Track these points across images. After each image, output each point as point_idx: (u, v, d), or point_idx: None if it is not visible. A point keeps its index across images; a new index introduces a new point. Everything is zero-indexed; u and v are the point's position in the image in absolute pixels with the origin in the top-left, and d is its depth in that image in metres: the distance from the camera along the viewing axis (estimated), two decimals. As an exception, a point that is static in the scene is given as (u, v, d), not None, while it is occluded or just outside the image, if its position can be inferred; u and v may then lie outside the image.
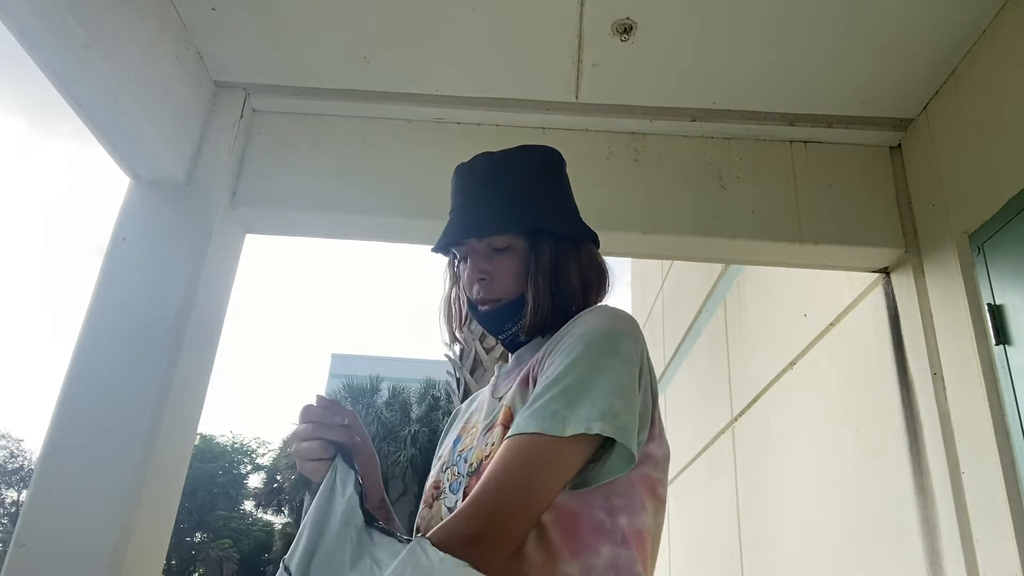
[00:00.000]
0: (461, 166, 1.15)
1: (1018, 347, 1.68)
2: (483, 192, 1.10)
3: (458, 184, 1.14)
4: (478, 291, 1.08)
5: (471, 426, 1.08)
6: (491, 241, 1.08)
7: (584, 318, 1.00)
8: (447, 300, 1.19)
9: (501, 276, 1.07)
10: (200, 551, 27.42)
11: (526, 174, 1.14)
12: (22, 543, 1.66)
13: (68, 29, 1.57)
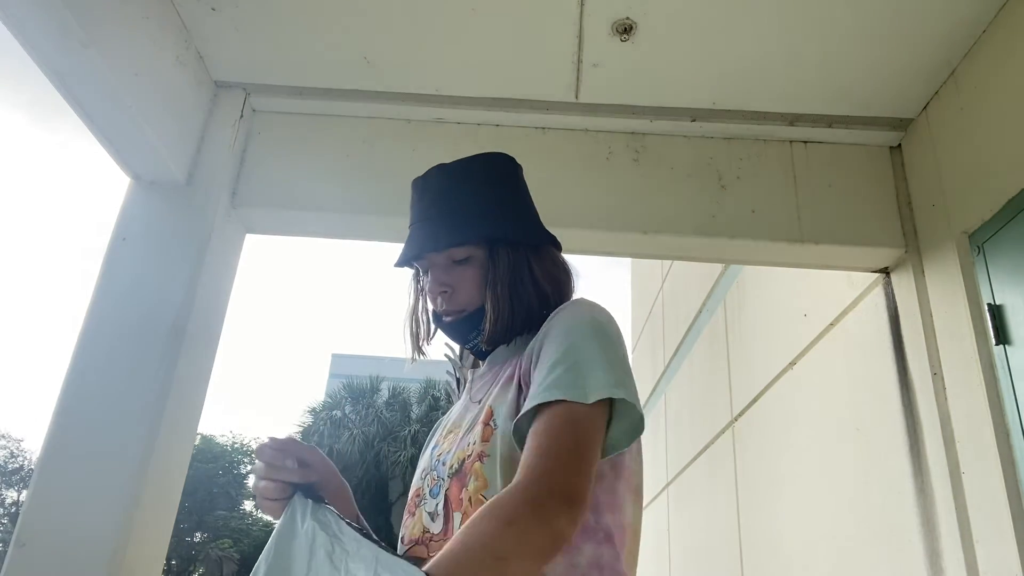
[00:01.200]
0: (416, 180, 1.17)
1: (1018, 347, 1.68)
2: (438, 205, 1.12)
3: (415, 198, 1.16)
4: (441, 303, 1.09)
5: (448, 432, 1.08)
6: (450, 253, 1.09)
7: (567, 310, 1.02)
8: (412, 314, 1.18)
9: (463, 287, 1.08)
10: (200, 551, 27.40)
11: (480, 183, 1.16)
12: (22, 543, 1.65)
13: (68, 29, 1.57)
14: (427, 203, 1.13)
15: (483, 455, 0.94)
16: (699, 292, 4.15)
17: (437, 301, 1.10)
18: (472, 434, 0.98)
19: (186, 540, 27.67)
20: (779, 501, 2.87)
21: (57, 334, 79.13)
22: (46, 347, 76.45)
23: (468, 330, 1.10)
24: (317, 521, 0.87)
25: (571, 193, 2.17)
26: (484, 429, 0.96)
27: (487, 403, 1.01)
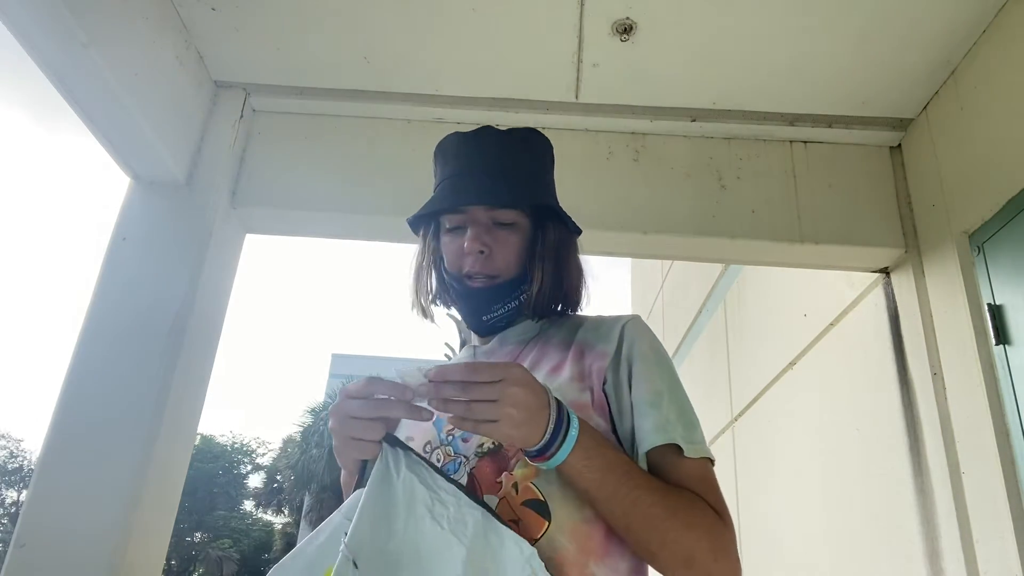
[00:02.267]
0: (463, 134, 1.09)
1: (1018, 347, 1.68)
2: (493, 161, 1.05)
3: (458, 151, 1.08)
4: (473, 264, 1.02)
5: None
6: (496, 214, 1.03)
7: (651, 335, 1.02)
8: (420, 271, 1.11)
9: (501, 252, 1.02)
10: (200, 551, 27.41)
11: (537, 155, 1.12)
12: (22, 543, 1.65)
13: (68, 29, 1.57)
14: (478, 157, 1.06)
15: None
16: (699, 292, 4.15)
17: (467, 261, 1.02)
18: None
19: (186, 540, 27.68)
20: (779, 501, 2.87)
21: (57, 334, 79.13)
22: (46, 347, 76.45)
23: (496, 299, 1.04)
24: (415, 474, 0.82)
25: (571, 193, 2.15)
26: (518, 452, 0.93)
27: None
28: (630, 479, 0.86)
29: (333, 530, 0.81)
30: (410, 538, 0.77)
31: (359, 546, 0.75)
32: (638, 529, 0.85)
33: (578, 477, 0.85)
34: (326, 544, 0.80)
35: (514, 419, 0.81)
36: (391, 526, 0.78)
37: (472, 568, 0.74)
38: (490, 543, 0.77)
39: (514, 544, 0.77)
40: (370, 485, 0.81)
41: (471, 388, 0.81)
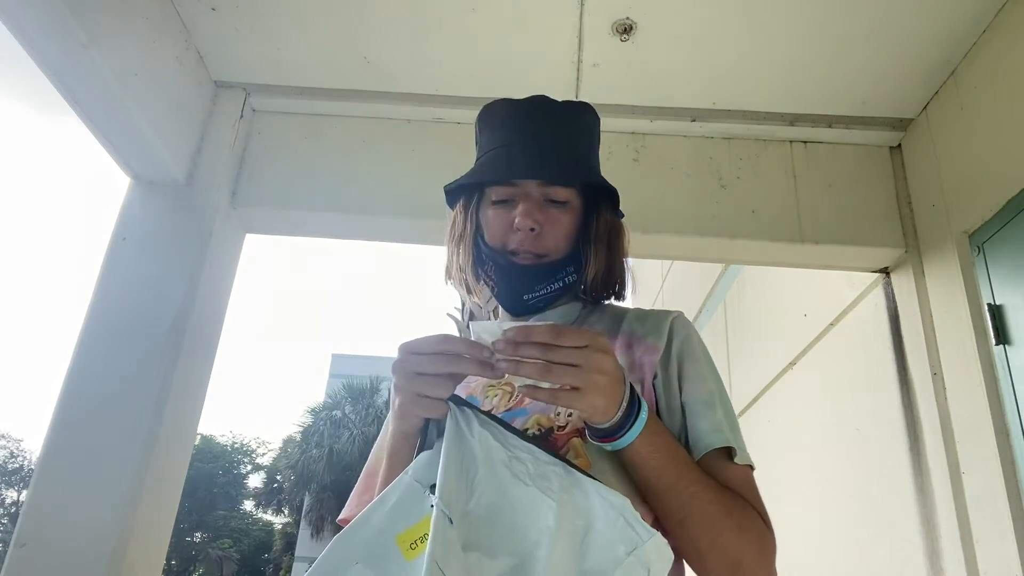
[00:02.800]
0: (515, 101, 1.03)
1: (1018, 347, 1.68)
2: (554, 135, 1.00)
3: (516, 119, 1.01)
4: (522, 241, 0.96)
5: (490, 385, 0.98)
6: (550, 191, 0.97)
7: (698, 337, 0.98)
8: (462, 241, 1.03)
9: (552, 231, 0.97)
10: (200, 551, 27.42)
11: (590, 131, 1.07)
12: (22, 543, 1.66)
13: (68, 29, 1.57)
14: (533, 129, 0.99)
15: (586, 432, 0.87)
16: (699, 292, 4.15)
17: (516, 236, 0.96)
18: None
19: (186, 540, 27.69)
20: (779, 501, 2.87)
21: (57, 334, 79.12)
22: (46, 347, 76.44)
23: (541, 279, 0.97)
24: (488, 432, 0.78)
25: (571, 193, 2.17)
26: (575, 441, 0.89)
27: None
28: (690, 472, 0.84)
29: (403, 493, 0.76)
30: (493, 496, 0.73)
31: (448, 505, 0.71)
32: (692, 525, 0.82)
33: (641, 463, 0.82)
34: (396, 508, 0.75)
35: (599, 386, 0.76)
36: (471, 485, 0.74)
37: (564, 522, 0.71)
38: (575, 498, 0.73)
39: (601, 496, 0.73)
40: (446, 444, 0.76)
41: (554, 351, 0.75)
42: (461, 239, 1.03)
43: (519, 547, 0.71)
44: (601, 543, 0.71)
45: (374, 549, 0.72)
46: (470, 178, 1.01)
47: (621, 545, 0.71)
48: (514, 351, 0.76)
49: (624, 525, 0.72)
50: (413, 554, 0.71)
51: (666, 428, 0.87)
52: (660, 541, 0.73)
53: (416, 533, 0.72)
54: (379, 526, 0.74)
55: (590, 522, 0.72)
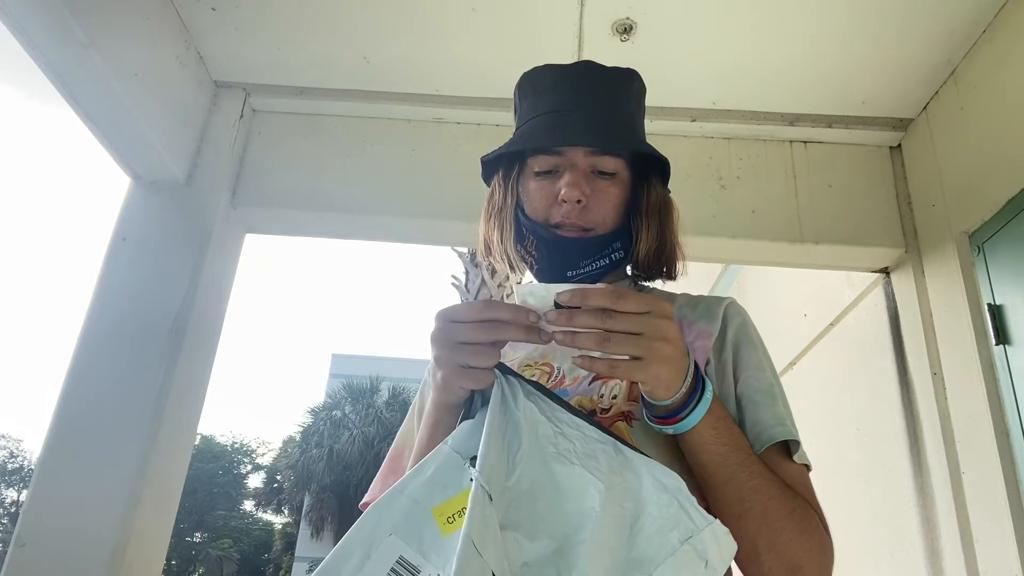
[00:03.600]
0: (560, 66, 0.98)
1: (1018, 347, 1.68)
2: (603, 103, 0.93)
3: (562, 85, 0.95)
4: (567, 213, 0.89)
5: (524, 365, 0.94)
6: (598, 161, 0.91)
7: (746, 313, 0.94)
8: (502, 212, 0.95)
9: (599, 204, 0.90)
10: (200, 551, 27.42)
11: (638, 100, 0.99)
12: (22, 543, 1.66)
13: (68, 29, 1.57)
14: (581, 95, 0.93)
15: (631, 417, 0.82)
16: (699, 292, 4.14)
17: (560, 210, 0.89)
18: (604, 385, 0.86)
19: (186, 540, 27.69)
20: (779, 501, 2.87)
21: (57, 334, 79.12)
22: (46, 347, 76.43)
23: (587, 253, 0.90)
24: (533, 404, 0.73)
25: (571, 193, 2.17)
26: (632, 387, 0.84)
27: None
28: (752, 463, 0.77)
29: (442, 464, 0.71)
30: (535, 473, 0.68)
31: (488, 480, 0.66)
32: (751, 521, 0.74)
33: (702, 448, 0.75)
34: (434, 479, 0.70)
35: (663, 356, 0.70)
36: (513, 460, 0.69)
37: (611, 505, 0.65)
38: (625, 479, 0.68)
39: (654, 478, 0.67)
40: (490, 415, 0.71)
41: (613, 318, 0.69)
42: (500, 212, 0.96)
43: (561, 529, 0.66)
44: (652, 529, 0.65)
45: (409, 520, 0.68)
46: (511, 146, 0.94)
47: (674, 532, 0.65)
48: (568, 321, 0.70)
49: (678, 510, 0.66)
50: (450, 528, 0.67)
51: (728, 412, 0.79)
52: (719, 529, 0.66)
53: (454, 507, 0.68)
54: (415, 496, 0.69)
55: (641, 506, 0.67)
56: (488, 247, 0.99)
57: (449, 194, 2.15)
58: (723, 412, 0.78)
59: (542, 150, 0.92)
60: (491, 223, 0.97)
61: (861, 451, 2.29)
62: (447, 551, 0.65)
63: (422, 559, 0.65)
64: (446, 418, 0.80)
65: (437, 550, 0.65)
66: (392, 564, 0.65)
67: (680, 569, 0.63)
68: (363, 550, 0.66)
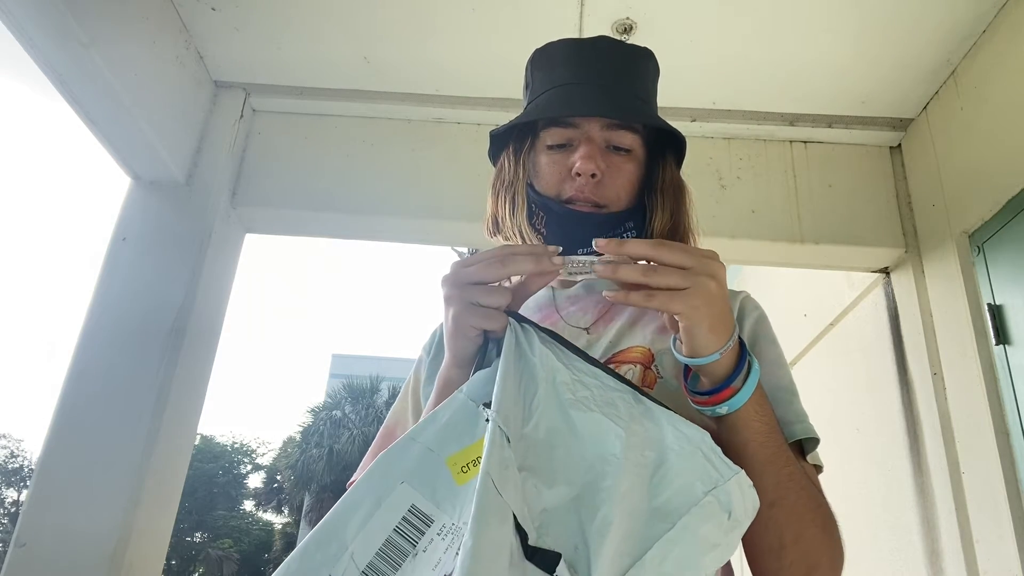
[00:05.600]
0: (575, 40, 0.94)
1: (1018, 347, 1.68)
2: (621, 76, 0.90)
3: (578, 57, 0.92)
4: (581, 188, 0.86)
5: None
6: (613, 135, 0.87)
7: (760, 307, 0.91)
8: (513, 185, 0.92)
9: (614, 179, 0.87)
10: (200, 551, 27.41)
11: (654, 76, 0.96)
12: (22, 543, 1.66)
13: (68, 29, 1.57)
14: (598, 67, 0.90)
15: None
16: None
17: (572, 184, 0.86)
18: (618, 369, 0.84)
19: (186, 540, 27.68)
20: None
21: (57, 334, 79.16)
22: (46, 347, 76.46)
23: (599, 231, 0.86)
24: (551, 351, 0.70)
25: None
26: (645, 373, 0.82)
27: (637, 343, 0.85)
28: (787, 451, 0.73)
29: (456, 412, 0.68)
30: (553, 420, 0.66)
31: (505, 422, 0.63)
32: (782, 511, 0.70)
33: (745, 425, 0.71)
34: (448, 427, 0.67)
35: (708, 290, 0.66)
36: (529, 407, 0.66)
37: (632, 453, 0.63)
38: (646, 428, 0.65)
39: (676, 428, 0.65)
40: (503, 360, 0.67)
41: (656, 272, 0.67)
42: (511, 186, 0.92)
43: (580, 476, 0.63)
44: (674, 479, 0.63)
45: (422, 469, 0.65)
46: (524, 117, 0.90)
47: (698, 482, 0.62)
48: (611, 272, 0.68)
49: (702, 460, 0.63)
50: (464, 478, 0.64)
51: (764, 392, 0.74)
52: (744, 480, 0.63)
53: (469, 456, 0.65)
54: (429, 444, 0.66)
55: (662, 455, 0.64)
56: (497, 223, 0.94)
57: (449, 194, 2.15)
58: (762, 390, 0.73)
59: (556, 122, 0.89)
60: (501, 198, 0.93)
61: (861, 451, 2.29)
62: (461, 500, 0.63)
63: (435, 508, 0.63)
64: (457, 376, 0.76)
65: (451, 499, 0.63)
66: (404, 513, 0.62)
67: (704, 520, 0.61)
68: (373, 498, 0.63)
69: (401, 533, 0.62)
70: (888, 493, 2.12)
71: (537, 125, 0.91)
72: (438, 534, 0.62)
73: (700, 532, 0.60)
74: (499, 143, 0.97)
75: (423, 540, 0.62)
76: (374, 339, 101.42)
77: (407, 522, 0.62)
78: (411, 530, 0.62)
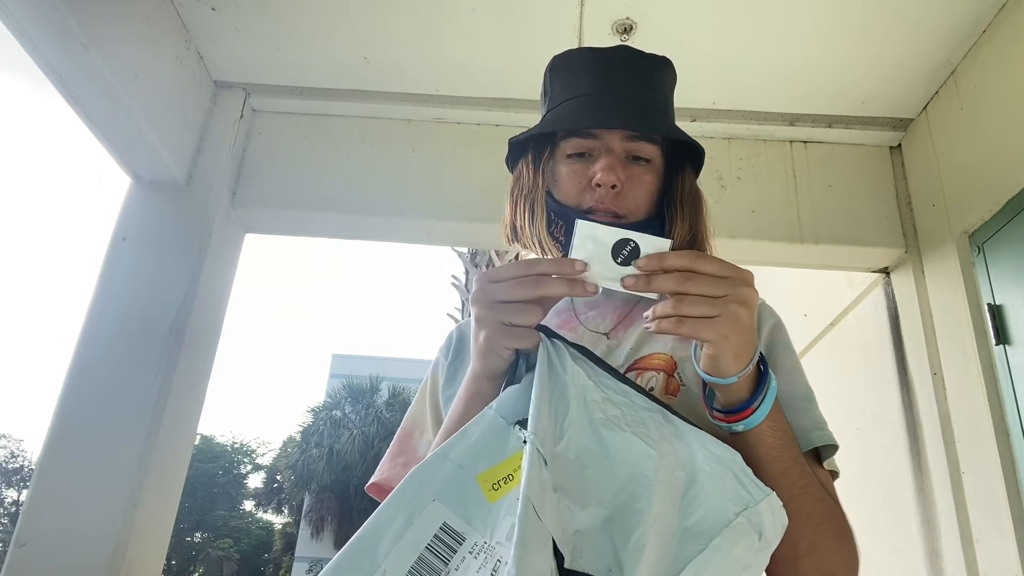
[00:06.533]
0: (595, 49, 0.95)
1: (1018, 347, 1.68)
2: (643, 87, 0.91)
3: (600, 68, 0.92)
4: (601, 198, 0.86)
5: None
6: (634, 147, 0.88)
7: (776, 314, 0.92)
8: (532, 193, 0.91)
9: (634, 191, 0.87)
10: (200, 551, 27.42)
11: (672, 87, 0.97)
12: (22, 543, 1.66)
13: (68, 29, 1.57)
14: (620, 78, 0.90)
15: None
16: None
17: (592, 195, 0.86)
18: (640, 377, 0.84)
19: (186, 540, 27.68)
20: (779, 501, 2.87)
21: (57, 334, 79.17)
22: (47, 347, 76.50)
23: None
24: (581, 368, 0.69)
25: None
26: (668, 380, 0.82)
27: (659, 349, 0.86)
28: (803, 461, 0.74)
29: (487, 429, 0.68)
30: (584, 440, 0.66)
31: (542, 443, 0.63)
32: (797, 522, 0.70)
33: (759, 440, 0.72)
34: (478, 444, 0.67)
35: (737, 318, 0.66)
36: (560, 426, 0.66)
37: (663, 473, 0.63)
38: (676, 449, 0.65)
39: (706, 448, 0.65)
40: (538, 378, 0.67)
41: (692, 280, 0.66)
42: (531, 195, 0.92)
43: (611, 497, 0.64)
44: (705, 500, 0.63)
45: (453, 486, 0.65)
46: (546, 127, 0.91)
47: (730, 504, 0.63)
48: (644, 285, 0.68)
49: (733, 481, 0.64)
50: (496, 495, 0.64)
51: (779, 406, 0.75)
52: (775, 502, 0.64)
53: (499, 473, 0.65)
54: (459, 462, 0.66)
55: (692, 475, 0.65)
56: (515, 231, 0.94)
57: (449, 194, 2.15)
58: (778, 404, 0.74)
59: (576, 132, 0.89)
60: (520, 206, 0.93)
61: (861, 451, 2.29)
62: (493, 518, 0.63)
63: (467, 526, 0.63)
64: (487, 388, 0.76)
65: (483, 517, 0.63)
66: (435, 531, 0.62)
67: (736, 541, 0.62)
68: (405, 516, 0.63)
69: (433, 551, 0.62)
70: (888, 493, 2.12)
71: (557, 133, 0.92)
72: (470, 552, 0.62)
73: (732, 554, 0.61)
74: (517, 150, 0.97)
75: (455, 558, 0.62)
76: (374, 339, 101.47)
77: (439, 540, 0.62)
78: (443, 548, 0.62)
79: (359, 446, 22.07)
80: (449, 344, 1.00)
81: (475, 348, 0.75)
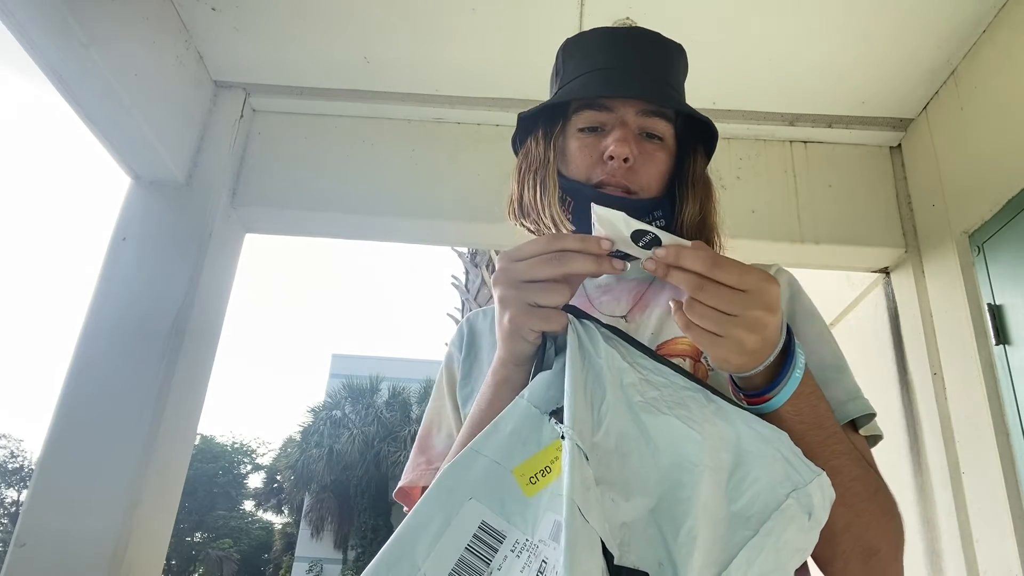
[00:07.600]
0: (610, 28, 0.95)
1: (1018, 347, 1.68)
2: (658, 64, 0.90)
3: (615, 43, 0.92)
4: (613, 171, 0.83)
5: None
6: (647, 122, 0.86)
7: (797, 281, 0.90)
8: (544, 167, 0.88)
9: (646, 167, 0.84)
10: (200, 551, 27.42)
11: (685, 69, 0.96)
12: (22, 543, 1.66)
13: (68, 29, 1.57)
14: (635, 53, 0.90)
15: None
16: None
17: (603, 168, 0.84)
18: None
19: (186, 540, 27.68)
20: (779, 501, 2.87)
21: (57, 334, 79.16)
22: (47, 347, 76.47)
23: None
24: (615, 349, 0.66)
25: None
26: (696, 365, 0.80)
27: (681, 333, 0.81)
28: (834, 443, 0.72)
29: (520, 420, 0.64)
30: (623, 426, 0.63)
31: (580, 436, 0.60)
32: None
33: (785, 418, 0.70)
34: (512, 437, 0.63)
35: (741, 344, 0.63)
36: (598, 413, 0.63)
37: (707, 457, 0.60)
38: (720, 429, 0.63)
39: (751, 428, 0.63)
40: (570, 364, 0.64)
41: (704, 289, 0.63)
42: (541, 169, 0.89)
43: (655, 486, 0.61)
44: (754, 482, 0.61)
45: (489, 483, 0.62)
46: (559, 98, 0.88)
47: (779, 485, 0.61)
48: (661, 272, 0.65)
49: (782, 462, 0.62)
50: (533, 489, 0.61)
51: (812, 387, 0.71)
52: (824, 481, 0.62)
53: (536, 465, 0.62)
54: (494, 456, 0.63)
55: (738, 457, 0.62)
56: (522, 207, 0.91)
57: (449, 194, 2.16)
58: (804, 388, 0.70)
59: (590, 104, 0.87)
60: (529, 180, 0.90)
61: (861, 451, 2.29)
62: (533, 513, 0.60)
63: (506, 523, 0.60)
64: (515, 375, 0.72)
65: (521, 513, 0.60)
66: (474, 531, 0.60)
67: (787, 524, 0.60)
68: (442, 517, 0.61)
69: (473, 551, 0.60)
70: (888, 493, 2.12)
71: (569, 108, 0.89)
72: (511, 550, 0.59)
73: (784, 537, 0.59)
74: (525, 127, 0.94)
75: (496, 558, 0.59)
76: (374, 339, 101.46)
77: (479, 539, 0.60)
78: (484, 548, 0.60)
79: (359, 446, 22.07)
80: (461, 338, 0.97)
81: (500, 331, 0.71)
